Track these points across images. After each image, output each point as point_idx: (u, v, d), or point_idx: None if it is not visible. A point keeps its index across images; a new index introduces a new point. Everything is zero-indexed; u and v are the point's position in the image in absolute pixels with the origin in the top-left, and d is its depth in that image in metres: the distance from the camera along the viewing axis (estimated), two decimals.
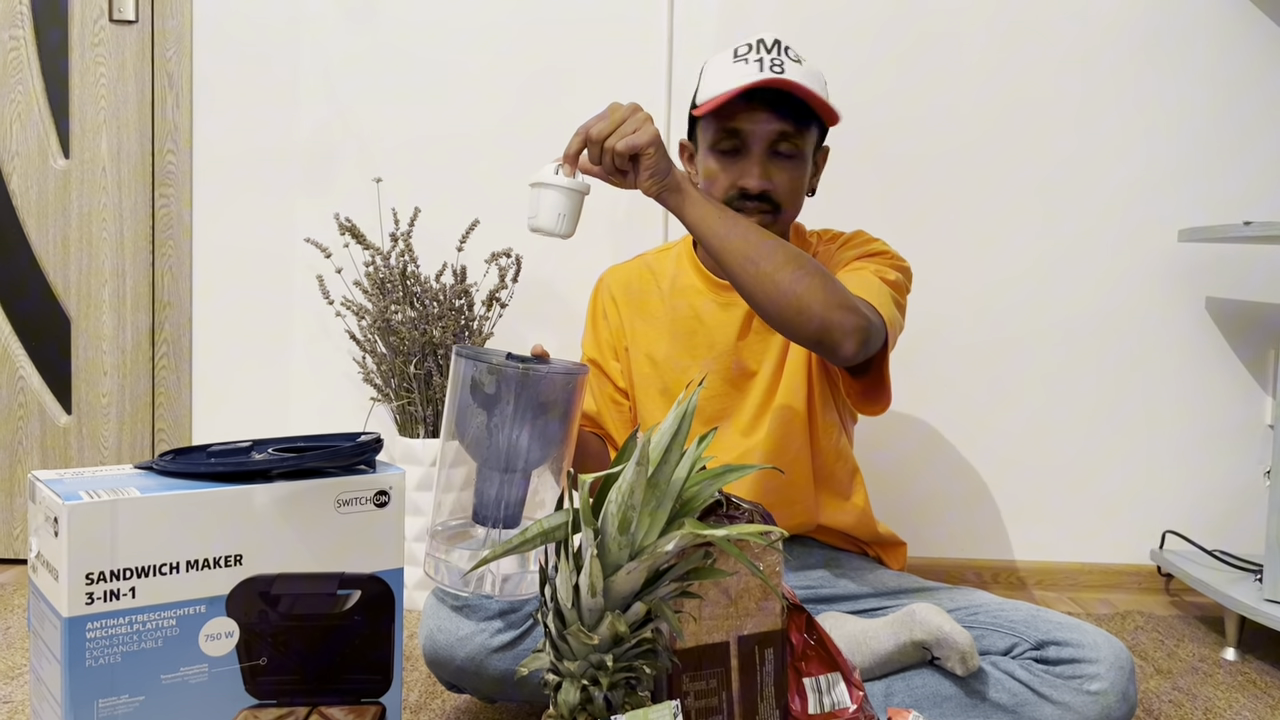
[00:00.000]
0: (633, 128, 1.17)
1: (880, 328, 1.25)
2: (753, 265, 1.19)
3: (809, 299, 1.18)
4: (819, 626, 1.15)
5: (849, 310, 1.19)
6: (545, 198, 1.18)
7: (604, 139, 1.17)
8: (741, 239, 1.20)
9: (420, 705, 1.46)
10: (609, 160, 1.19)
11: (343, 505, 1.07)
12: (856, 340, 1.19)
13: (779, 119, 1.35)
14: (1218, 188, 2.12)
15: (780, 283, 1.18)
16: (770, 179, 1.36)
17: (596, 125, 1.18)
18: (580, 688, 0.93)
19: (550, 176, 1.18)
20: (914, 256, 2.10)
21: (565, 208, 1.18)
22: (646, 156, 1.17)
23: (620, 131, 1.17)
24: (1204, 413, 2.15)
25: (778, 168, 1.37)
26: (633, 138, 1.17)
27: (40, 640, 1.01)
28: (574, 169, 1.19)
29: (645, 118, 1.18)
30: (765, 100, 1.34)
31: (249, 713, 1.04)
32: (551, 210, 1.18)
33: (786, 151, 1.37)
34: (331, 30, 2.11)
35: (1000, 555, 2.17)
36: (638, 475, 0.88)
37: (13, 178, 2.12)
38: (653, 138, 1.17)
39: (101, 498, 0.95)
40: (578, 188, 1.18)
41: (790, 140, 1.36)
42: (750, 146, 1.36)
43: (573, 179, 1.18)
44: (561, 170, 1.18)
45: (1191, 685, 1.63)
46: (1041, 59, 2.10)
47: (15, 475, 2.16)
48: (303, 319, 2.15)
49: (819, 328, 1.18)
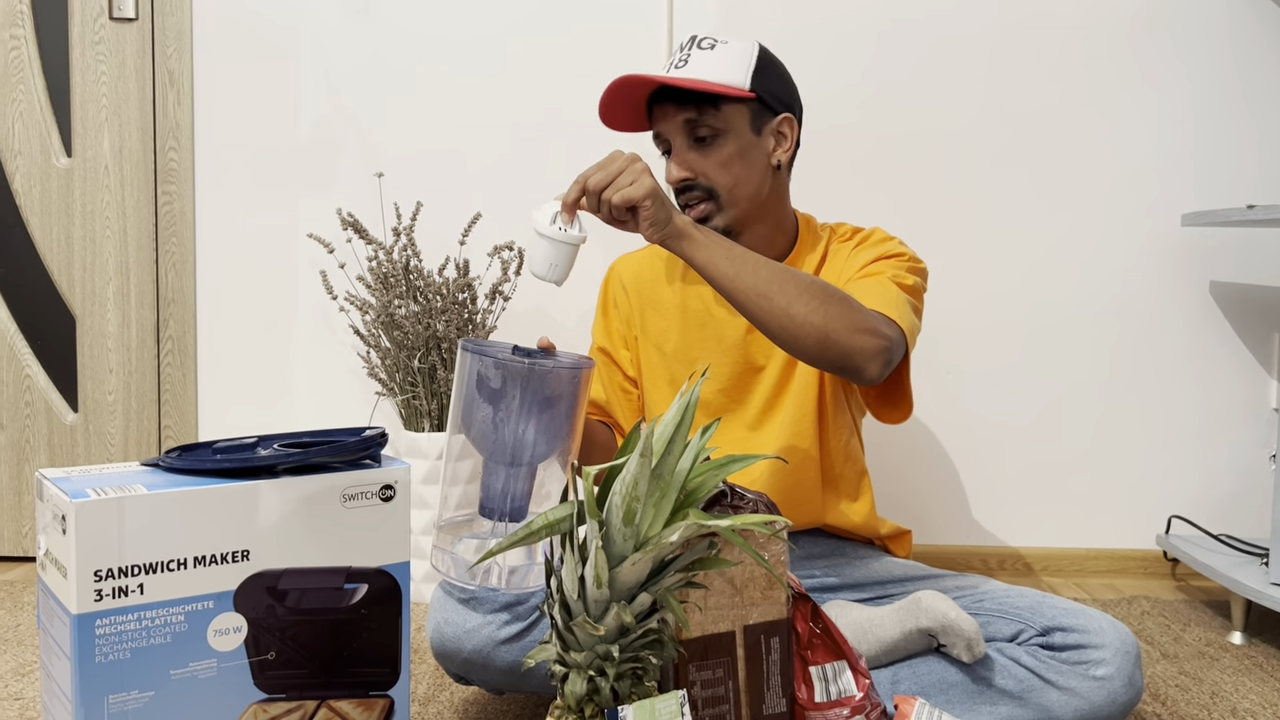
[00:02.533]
0: (629, 180, 1.17)
1: (900, 342, 1.26)
2: (766, 301, 1.20)
3: (827, 328, 1.19)
4: (824, 615, 1.15)
5: (869, 333, 1.20)
6: (539, 246, 1.18)
7: (600, 190, 1.18)
8: (752, 276, 1.20)
9: (429, 697, 1.47)
10: (606, 211, 1.19)
11: (348, 500, 1.08)
12: (879, 363, 1.21)
13: (680, 108, 1.37)
14: (1221, 172, 2.11)
15: (795, 316, 1.19)
16: (689, 166, 1.37)
17: (594, 176, 1.18)
18: (587, 678, 0.93)
19: (545, 226, 1.17)
20: (917, 245, 2.10)
21: (557, 258, 1.18)
22: (644, 209, 1.18)
23: (617, 184, 1.17)
24: (1209, 397, 2.14)
25: (699, 154, 1.38)
26: (628, 190, 1.17)
27: (50, 637, 1.02)
28: (572, 217, 1.19)
29: (642, 169, 1.18)
30: (668, 95, 1.37)
31: (258, 707, 1.05)
32: (544, 260, 1.18)
33: (703, 137, 1.38)
34: (332, 25, 2.11)
35: (1006, 542, 2.18)
36: (641, 466, 0.88)
37: (15, 177, 2.12)
38: (649, 190, 1.17)
39: (108, 495, 0.95)
40: (569, 240, 1.18)
41: (702, 124, 1.37)
42: (672, 141, 1.39)
43: (566, 231, 1.18)
44: (560, 218, 1.18)
45: (1198, 669, 1.63)
46: (1043, 45, 2.09)
47: (23, 474, 2.17)
48: (307, 314, 2.15)
49: (840, 354, 1.20)
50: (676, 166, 1.38)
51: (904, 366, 1.34)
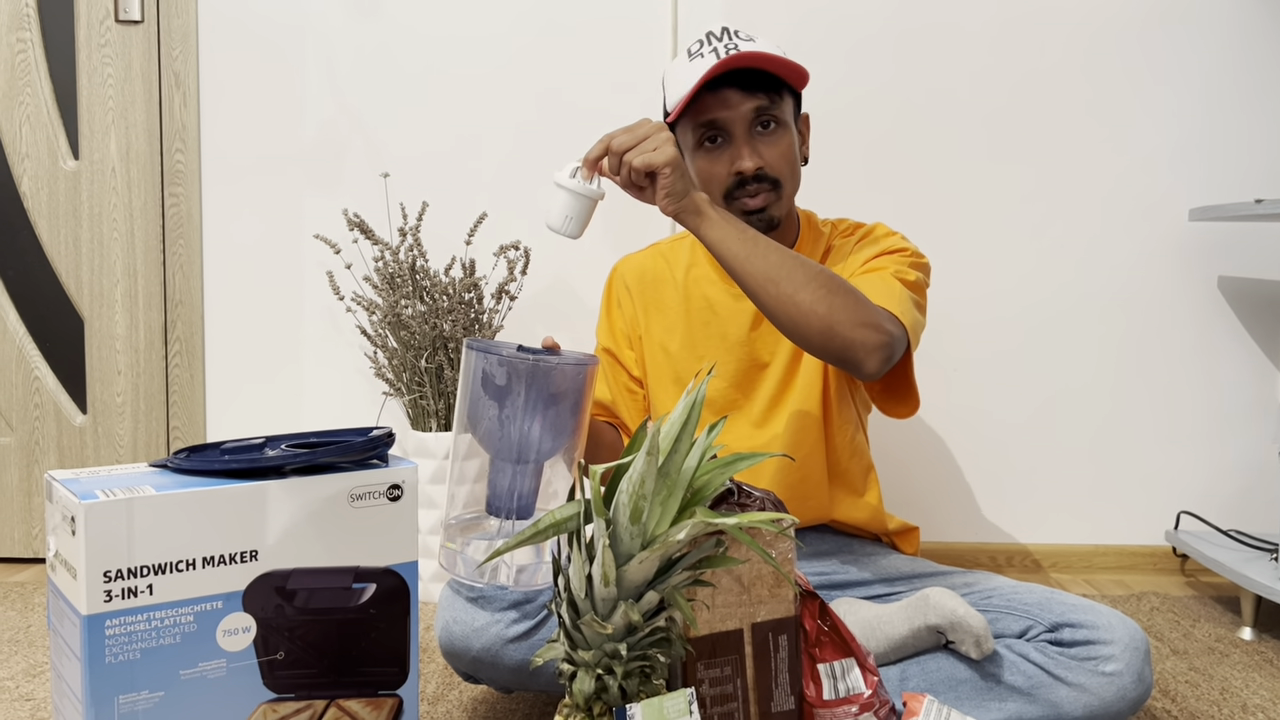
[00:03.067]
0: (653, 145, 1.18)
1: (902, 338, 1.26)
2: (774, 285, 1.20)
3: (831, 318, 1.19)
4: (832, 612, 1.15)
5: (871, 328, 1.20)
6: (557, 198, 1.19)
7: (623, 151, 1.18)
8: (762, 259, 1.21)
9: (437, 696, 1.47)
10: (626, 174, 1.20)
11: (356, 500, 1.08)
12: (879, 358, 1.21)
13: (750, 95, 1.35)
14: (1228, 166, 2.10)
15: (801, 303, 1.19)
16: (762, 156, 1.37)
17: (619, 137, 1.18)
18: (595, 677, 0.93)
19: (564, 178, 1.19)
20: (922, 241, 2.10)
21: (573, 210, 1.18)
22: (663, 176, 1.18)
23: (641, 148, 1.18)
24: (1217, 392, 2.14)
25: (765, 144, 1.37)
26: (651, 155, 1.17)
27: (60, 638, 1.03)
28: (592, 174, 1.19)
29: (668, 138, 1.19)
30: (731, 83, 1.35)
31: (268, 706, 1.05)
32: (560, 211, 1.19)
33: (768, 125, 1.37)
34: (336, 26, 2.11)
35: (1014, 539, 2.17)
36: (648, 465, 0.88)
37: (23, 180, 2.13)
38: (670, 159, 1.18)
39: (117, 496, 0.96)
40: (586, 193, 1.19)
41: (768, 113, 1.36)
42: (732, 132, 1.37)
43: (585, 184, 1.18)
44: (579, 173, 1.18)
45: (1208, 665, 1.62)
46: (1049, 39, 2.09)
47: (33, 475, 2.17)
48: (314, 315, 2.16)
49: (841, 346, 1.20)
50: (749, 156, 1.36)
51: (907, 362, 1.34)
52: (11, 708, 1.42)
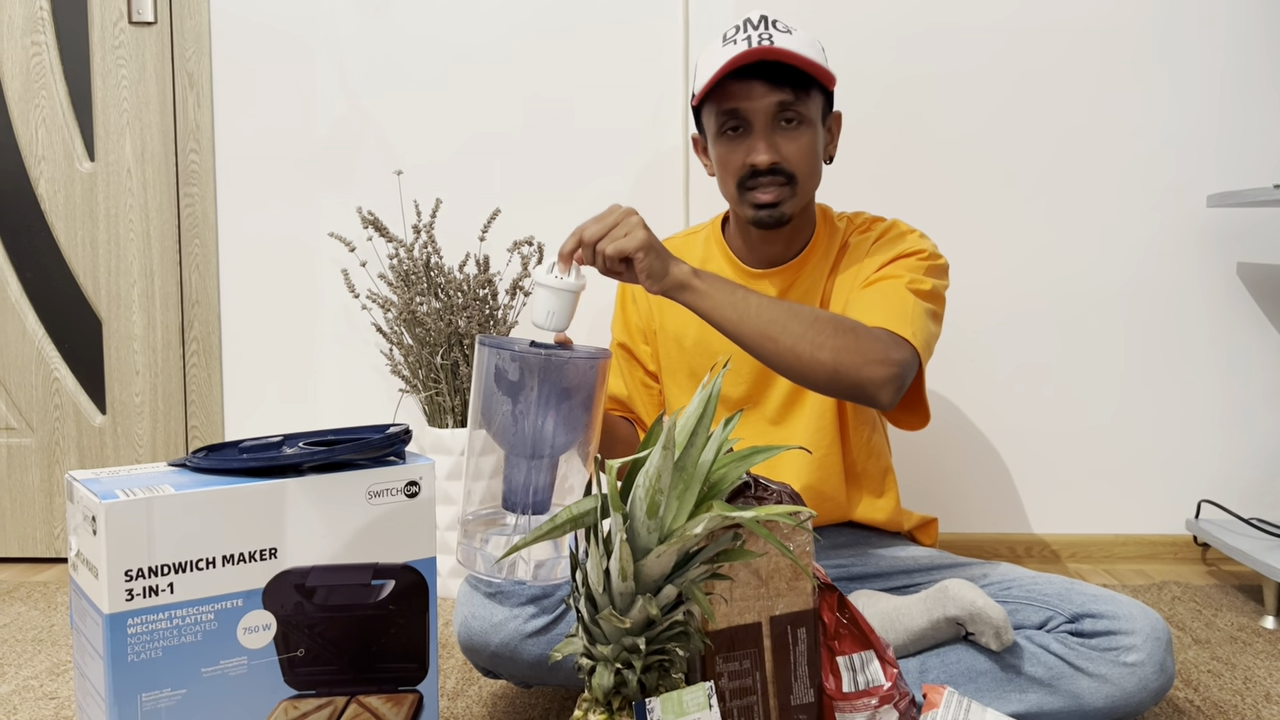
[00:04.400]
0: (623, 232, 1.18)
1: (912, 363, 1.26)
2: (771, 343, 1.21)
3: (836, 362, 1.20)
4: (851, 605, 1.15)
5: (877, 363, 1.21)
6: (538, 295, 1.20)
7: (595, 242, 1.19)
8: (755, 318, 1.21)
9: (457, 691, 1.48)
10: (601, 263, 1.20)
11: (374, 497, 1.08)
12: (891, 390, 1.22)
13: (775, 89, 1.34)
14: (1247, 151, 2.08)
15: (801, 355, 1.20)
16: (778, 150, 1.36)
17: (590, 228, 1.19)
18: (614, 671, 0.94)
19: (543, 275, 1.19)
20: (938, 230, 2.09)
21: (554, 306, 1.19)
22: (638, 260, 1.19)
23: (611, 235, 1.18)
24: (1237, 380, 2.12)
25: (784, 138, 1.37)
26: (622, 242, 1.18)
27: (83, 637, 1.03)
28: (568, 267, 1.19)
29: (637, 223, 1.19)
30: (758, 73, 1.34)
31: (289, 703, 1.06)
32: (543, 307, 1.19)
33: (790, 120, 1.37)
34: (349, 25, 2.12)
35: (1033, 529, 2.16)
36: (664, 459, 0.88)
37: (40, 182, 2.14)
38: (641, 243, 1.18)
39: (137, 496, 0.96)
40: (565, 288, 1.19)
41: (791, 108, 1.36)
42: (753, 122, 1.36)
43: (563, 279, 1.18)
44: (556, 268, 1.18)
45: (1230, 655, 1.61)
46: (1065, 23, 2.07)
47: (54, 476, 2.19)
48: (329, 313, 2.16)
49: (852, 385, 1.21)
50: (765, 149, 1.35)
51: (919, 378, 1.34)
52: (36, 706, 1.43)
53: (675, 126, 2.10)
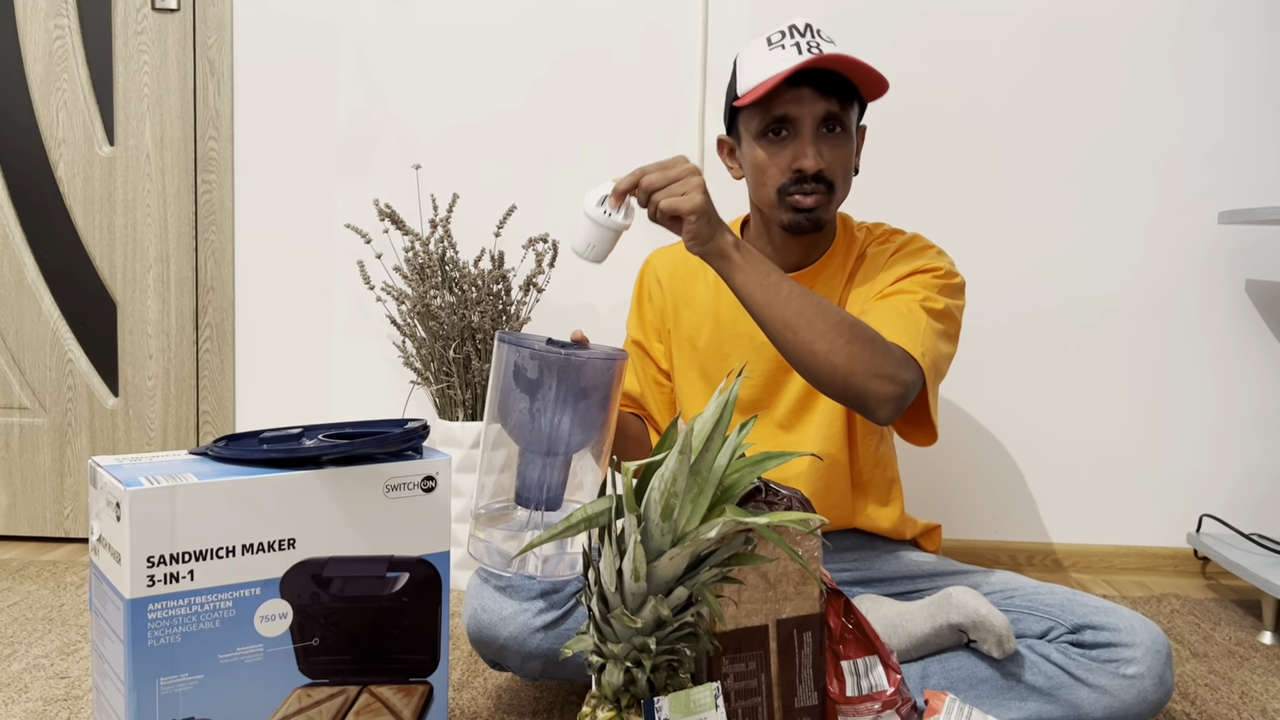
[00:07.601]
0: (682, 190, 1.19)
1: (917, 383, 1.26)
2: (792, 333, 1.22)
3: (847, 369, 1.21)
4: (857, 610, 1.17)
5: (886, 379, 1.22)
6: (581, 223, 1.21)
7: (653, 191, 1.20)
8: (783, 305, 1.22)
9: (463, 683, 1.49)
10: (652, 210, 1.21)
11: (391, 490, 1.10)
12: (890, 408, 1.23)
13: (825, 99, 1.36)
14: (1258, 169, 2.09)
15: (817, 352, 1.21)
16: (824, 158, 1.37)
17: (652, 174, 1.20)
18: (624, 669, 0.95)
19: (591, 207, 1.19)
20: (950, 240, 2.10)
21: (596, 239, 1.20)
22: (688, 222, 1.20)
23: (670, 190, 1.19)
24: (1242, 396, 2.13)
25: (829, 146, 1.38)
26: (678, 200, 1.19)
27: (102, 620, 1.05)
28: (619, 203, 1.20)
29: (698, 184, 1.20)
30: (810, 81, 1.35)
31: (302, 691, 1.07)
32: (584, 238, 1.20)
33: (834, 129, 1.38)
34: (370, 16, 2.13)
35: (1036, 538, 2.18)
36: (680, 463, 0.90)
37: (59, 165, 2.16)
38: (696, 206, 1.19)
39: (161, 484, 0.98)
40: (610, 225, 1.20)
41: (837, 118, 1.37)
42: (800, 129, 1.37)
43: (611, 216, 1.19)
44: (608, 202, 1.19)
45: (1228, 669, 1.63)
46: (1079, 40, 2.08)
47: (65, 456, 2.21)
48: (343, 303, 2.18)
49: (855, 395, 1.22)
50: (814, 155, 1.36)
51: (924, 397, 1.34)
52: (46, 685, 1.45)
53: (691, 129, 2.11)
